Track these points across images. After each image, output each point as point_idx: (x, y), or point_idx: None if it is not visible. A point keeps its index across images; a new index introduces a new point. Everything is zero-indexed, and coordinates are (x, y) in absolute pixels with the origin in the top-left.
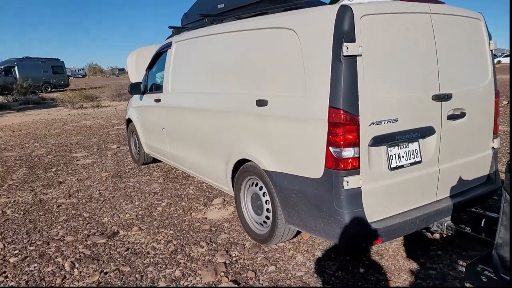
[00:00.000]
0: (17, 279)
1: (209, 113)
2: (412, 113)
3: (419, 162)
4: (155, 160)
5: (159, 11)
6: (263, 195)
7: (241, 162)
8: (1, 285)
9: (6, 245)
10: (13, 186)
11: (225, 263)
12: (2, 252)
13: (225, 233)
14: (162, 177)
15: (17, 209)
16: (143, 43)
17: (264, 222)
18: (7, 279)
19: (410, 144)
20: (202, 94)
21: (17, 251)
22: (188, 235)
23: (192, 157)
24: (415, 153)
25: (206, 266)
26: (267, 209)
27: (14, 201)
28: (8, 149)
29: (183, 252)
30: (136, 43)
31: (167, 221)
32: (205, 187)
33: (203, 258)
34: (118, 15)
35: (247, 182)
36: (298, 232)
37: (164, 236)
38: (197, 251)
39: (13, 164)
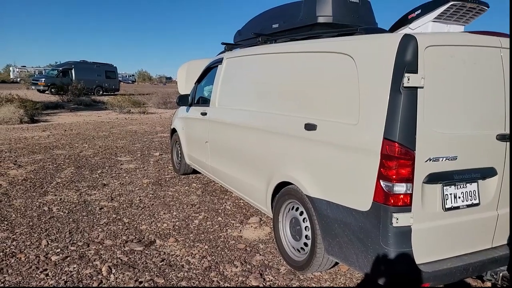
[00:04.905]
0: (56, 278)
1: (254, 132)
2: (473, 152)
3: (477, 204)
4: (195, 171)
5: (204, 26)
6: (303, 221)
7: (282, 185)
8: (41, 283)
9: (49, 242)
10: (61, 184)
11: (258, 286)
12: (45, 249)
13: (260, 254)
14: (201, 189)
15: (62, 207)
16: (190, 54)
17: (302, 248)
18: (48, 277)
19: (468, 185)
20: (249, 112)
21: (59, 250)
22: (222, 252)
23: (232, 173)
24: (472, 195)
25: None
26: (306, 236)
27: (61, 199)
28: (59, 147)
29: (217, 270)
30: (183, 54)
31: (203, 235)
32: (242, 204)
33: (237, 279)
34: (167, 27)
35: (287, 206)
36: (337, 263)
37: (199, 251)
38: (231, 270)
39: (62, 162)
